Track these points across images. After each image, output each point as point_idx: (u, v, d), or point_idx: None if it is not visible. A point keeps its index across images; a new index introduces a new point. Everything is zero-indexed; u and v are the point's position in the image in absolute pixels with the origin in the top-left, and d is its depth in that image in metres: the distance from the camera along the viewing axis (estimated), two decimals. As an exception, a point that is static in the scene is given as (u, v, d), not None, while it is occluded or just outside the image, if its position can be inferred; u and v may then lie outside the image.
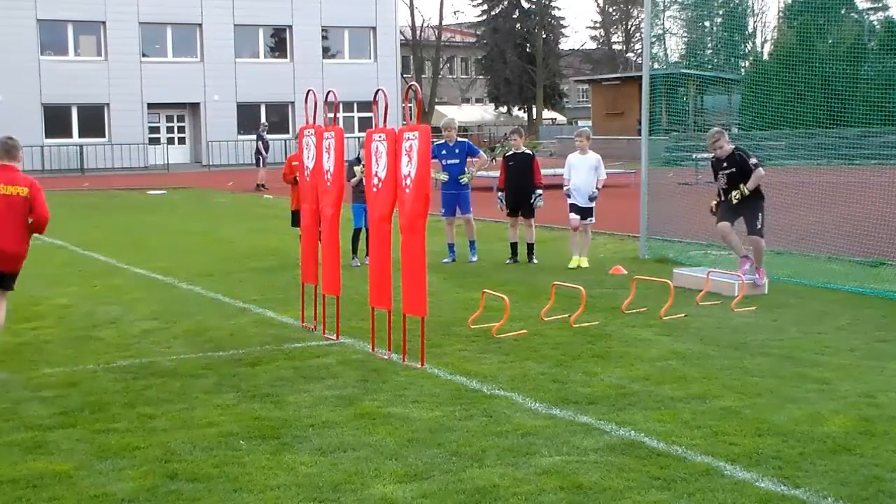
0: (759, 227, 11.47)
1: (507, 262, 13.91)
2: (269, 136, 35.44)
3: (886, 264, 12.57)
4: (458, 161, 14.14)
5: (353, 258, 13.60)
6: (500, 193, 14.27)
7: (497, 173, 15.07)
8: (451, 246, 14.24)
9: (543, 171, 14.47)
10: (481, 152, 14.89)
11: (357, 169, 13.02)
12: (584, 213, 13.62)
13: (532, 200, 13.87)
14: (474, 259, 14.09)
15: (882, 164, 18.34)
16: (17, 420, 6.63)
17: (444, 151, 14.17)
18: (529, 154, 14.19)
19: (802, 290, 11.43)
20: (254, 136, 48.65)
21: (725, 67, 21.92)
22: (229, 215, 23.64)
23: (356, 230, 13.65)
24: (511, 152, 14.19)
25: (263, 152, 33.75)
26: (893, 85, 15.84)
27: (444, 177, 14.08)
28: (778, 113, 17.29)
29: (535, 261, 13.87)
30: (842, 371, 7.62)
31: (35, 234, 8.49)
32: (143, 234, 19.10)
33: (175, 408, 6.86)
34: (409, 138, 7.91)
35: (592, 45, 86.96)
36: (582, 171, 13.65)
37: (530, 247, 14.01)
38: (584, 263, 13.33)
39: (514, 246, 14.10)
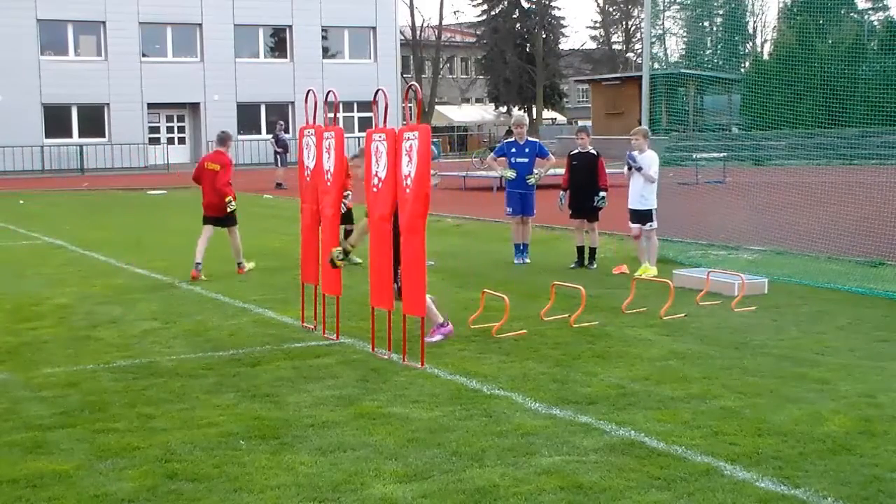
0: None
1: (572, 266, 13.28)
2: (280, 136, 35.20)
3: (886, 264, 12.57)
4: (527, 160, 13.90)
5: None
6: (561, 192, 13.74)
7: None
8: (518, 246, 13.98)
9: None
10: (550, 154, 14.52)
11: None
12: (642, 217, 12.74)
13: (595, 202, 13.24)
14: (527, 260, 13.85)
15: (882, 164, 18.32)
16: (17, 420, 6.63)
17: (513, 150, 13.97)
18: (594, 154, 13.44)
19: (802, 290, 11.43)
20: (257, 136, 49.26)
21: (725, 67, 21.89)
22: (229, 215, 23.56)
23: None
24: (576, 151, 13.61)
25: (277, 148, 33.84)
26: (893, 85, 15.82)
27: (511, 174, 13.86)
28: (778, 113, 17.28)
29: (594, 265, 13.25)
30: (842, 371, 7.62)
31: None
32: (143, 233, 19.08)
33: (175, 408, 6.86)
34: (409, 138, 7.91)
35: (592, 45, 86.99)
36: (637, 174, 12.72)
37: (592, 251, 13.35)
38: (651, 273, 12.19)
39: (580, 250, 13.40)
